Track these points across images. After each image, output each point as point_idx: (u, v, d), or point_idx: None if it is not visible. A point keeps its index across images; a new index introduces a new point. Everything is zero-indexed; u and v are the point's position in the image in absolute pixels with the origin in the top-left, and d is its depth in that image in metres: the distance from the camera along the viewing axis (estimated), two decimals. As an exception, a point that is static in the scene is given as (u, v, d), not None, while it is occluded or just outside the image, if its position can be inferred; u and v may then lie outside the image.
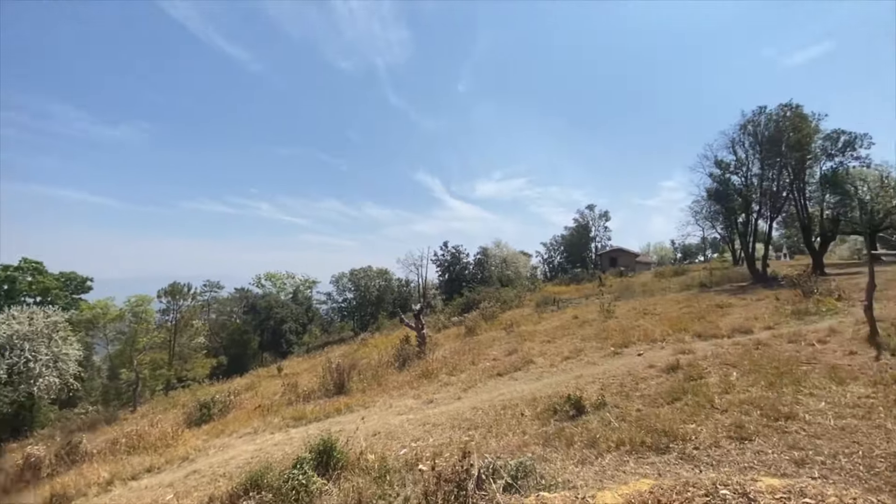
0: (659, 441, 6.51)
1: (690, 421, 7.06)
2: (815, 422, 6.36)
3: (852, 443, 5.60)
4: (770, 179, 27.92)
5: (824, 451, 5.49)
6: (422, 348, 18.65)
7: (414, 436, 9.17)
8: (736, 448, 5.97)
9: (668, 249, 76.09)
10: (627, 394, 9.21)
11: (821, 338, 11.09)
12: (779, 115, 27.10)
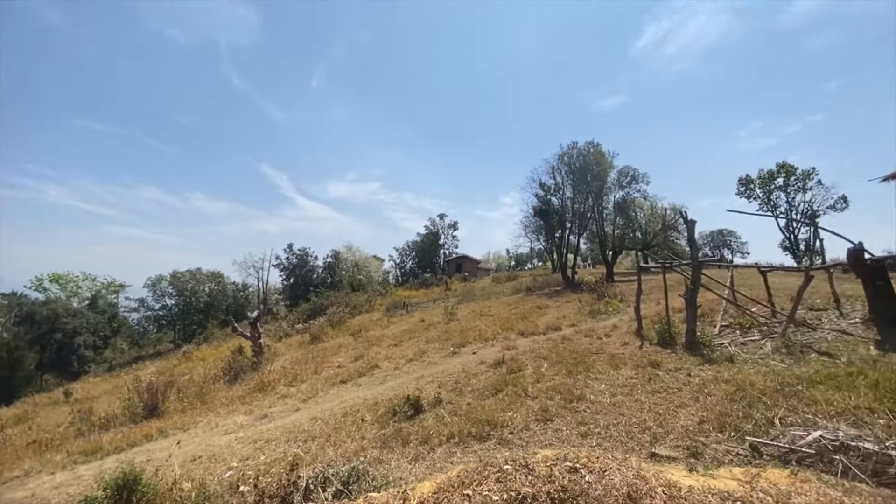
0: (482, 430, 7.26)
1: (508, 409, 8.06)
2: (597, 401, 7.88)
3: (619, 415, 7.11)
4: (579, 202, 33.70)
5: (601, 423, 6.86)
6: (258, 359, 17.19)
7: (243, 455, 8.43)
8: (541, 429, 7.04)
9: (504, 258, 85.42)
10: (461, 390, 10.02)
11: (607, 332, 13.84)
12: (586, 150, 33.03)
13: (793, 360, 8.93)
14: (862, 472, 4.26)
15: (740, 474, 3.83)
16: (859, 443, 4.67)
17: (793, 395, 6.83)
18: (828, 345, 9.64)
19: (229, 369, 16.53)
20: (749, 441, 5.15)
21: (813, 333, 10.55)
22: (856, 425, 5.60)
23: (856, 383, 6.96)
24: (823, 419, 5.89)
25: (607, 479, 2.44)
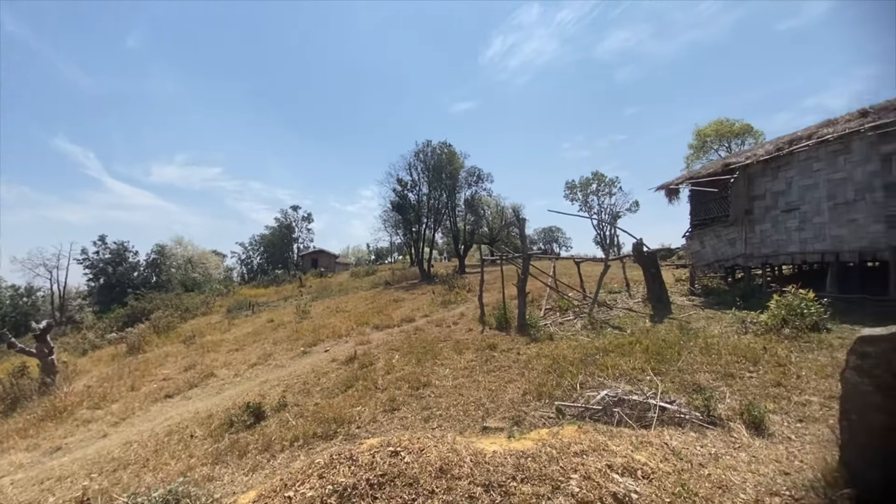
0: (329, 429, 7.13)
1: (358, 404, 8.08)
2: (441, 385, 8.42)
3: (459, 396, 7.71)
4: (434, 199, 35.29)
5: (443, 405, 7.35)
6: (50, 380, 13.90)
7: (21, 501, 6.76)
8: (388, 419, 7.23)
9: (364, 252, 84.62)
10: (309, 390, 9.66)
11: (455, 320, 14.88)
12: (440, 149, 34.73)
13: (595, 334, 10.86)
14: (630, 419, 5.46)
15: (545, 434, 4.55)
16: (631, 396, 5.95)
17: (592, 364, 8.32)
18: (619, 320, 11.99)
19: (4, 397, 12.98)
20: (556, 405, 6.10)
21: (610, 311, 13.00)
22: (631, 383, 7.10)
23: (634, 350, 8.78)
24: (611, 381, 7.30)
25: (424, 458, 2.68)
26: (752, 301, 11.27)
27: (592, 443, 3.47)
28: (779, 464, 4.02)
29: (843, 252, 10.83)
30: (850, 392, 2.93)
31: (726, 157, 15.93)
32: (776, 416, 5.60)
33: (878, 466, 2.89)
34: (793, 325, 8.64)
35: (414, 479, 2.47)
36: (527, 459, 2.93)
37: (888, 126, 9.76)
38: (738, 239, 13.36)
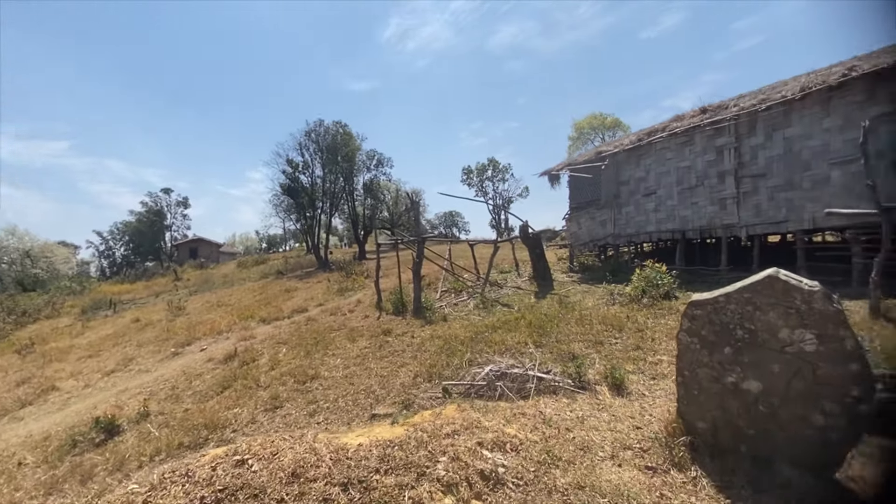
0: (199, 437, 6.38)
1: (235, 406, 7.36)
2: (330, 376, 8.03)
3: (349, 385, 7.42)
4: (330, 182, 33.67)
5: (331, 398, 7.01)
6: None
7: None
8: (268, 418, 6.68)
9: (255, 239, 78.22)
10: (178, 396, 8.60)
11: (351, 308, 14.40)
12: (335, 129, 33.10)
13: (486, 312, 11.27)
14: (511, 391, 5.71)
15: (428, 416, 4.51)
16: (513, 370, 6.22)
17: (482, 341, 8.58)
18: (508, 298, 12.63)
19: None
20: (443, 385, 6.14)
21: (501, 290, 13.63)
22: (515, 356, 7.45)
23: (519, 325, 9.25)
24: (497, 356, 7.59)
25: (276, 463, 2.41)
26: (620, 275, 12.62)
27: (466, 421, 3.49)
28: (633, 419, 4.46)
29: (688, 230, 12.62)
30: (683, 351, 3.30)
31: (599, 146, 17.60)
32: (634, 375, 6.27)
33: (707, 416, 3.30)
34: (650, 295, 9.80)
35: (261, 489, 2.19)
36: (394, 448, 2.81)
37: (720, 122, 11.49)
38: (608, 220, 14.87)
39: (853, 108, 9.07)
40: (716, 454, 3.28)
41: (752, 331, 2.92)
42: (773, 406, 2.94)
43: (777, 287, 2.78)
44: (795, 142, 10.14)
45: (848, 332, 2.58)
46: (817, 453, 2.81)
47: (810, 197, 9.87)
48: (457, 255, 21.40)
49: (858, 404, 2.59)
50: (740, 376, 3.03)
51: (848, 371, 2.59)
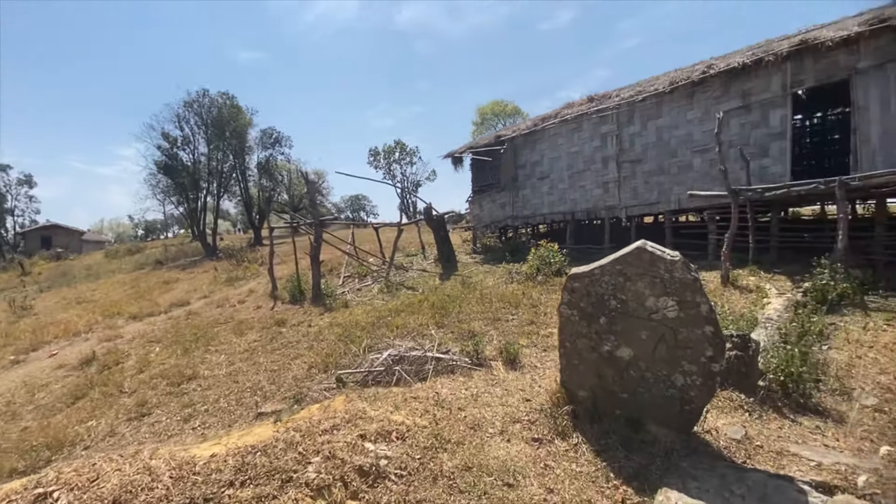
0: (38, 459, 5.29)
1: (91, 417, 6.26)
2: (212, 375, 7.20)
3: (234, 383, 6.70)
4: (217, 160, 30.39)
5: (211, 399, 6.26)
6: None
7: None
8: (132, 429, 5.77)
9: (128, 226, 68.45)
10: (16, 412, 7.11)
11: (241, 298, 13.18)
12: (221, 101, 29.78)
13: (391, 296, 11.02)
14: (409, 374, 5.57)
15: (316, 409, 4.15)
16: (412, 353, 6.07)
17: (384, 326, 8.33)
18: (414, 281, 12.50)
19: None
20: (336, 375, 5.79)
21: (406, 273, 13.45)
22: (417, 339, 7.33)
23: (422, 307, 9.16)
24: (399, 340, 7.40)
25: (94, 491, 1.94)
26: (519, 255, 13.16)
27: (350, 413, 3.24)
28: (523, 392, 4.56)
29: (577, 212, 13.55)
30: (564, 323, 3.37)
31: (499, 130, 18.12)
32: (528, 349, 6.51)
33: (587, 384, 3.42)
34: (544, 273, 10.32)
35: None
36: (256, 455, 2.46)
37: (605, 111, 12.38)
38: (507, 203, 15.41)
39: (711, 102, 10.31)
40: (595, 420, 3.43)
41: (623, 301, 3.06)
42: (641, 370, 3.12)
43: (644, 258, 2.93)
44: (665, 131, 11.30)
45: (703, 299, 2.79)
46: (679, 411, 3.05)
47: (677, 181, 11.11)
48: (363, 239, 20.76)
49: (712, 363, 2.84)
50: (614, 344, 3.17)
51: (704, 334, 2.82)
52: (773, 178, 9.35)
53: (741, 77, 9.82)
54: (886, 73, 7.99)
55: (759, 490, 2.44)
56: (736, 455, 3.04)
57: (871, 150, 8.35)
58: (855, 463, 2.93)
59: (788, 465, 2.92)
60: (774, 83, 9.41)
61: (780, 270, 8.82)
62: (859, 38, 8.09)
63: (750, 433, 3.33)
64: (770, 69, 9.37)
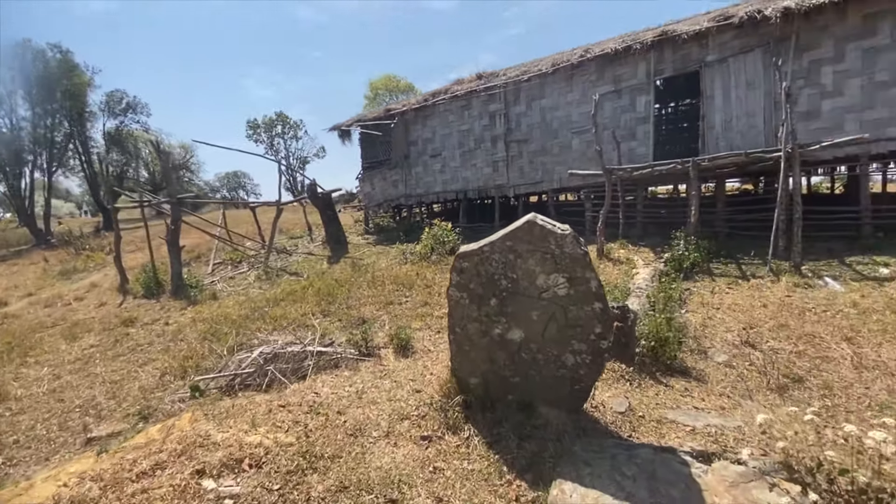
0: None
1: None
2: (27, 395, 5.65)
3: (59, 402, 5.33)
4: (46, 128, 24.69)
5: (24, 426, 4.87)
6: None
7: None
8: None
9: (-80, 209, 53.12)
10: None
11: (79, 295, 10.83)
12: (50, 55, 24.04)
13: (270, 284, 9.90)
14: (286, 374, 4.87)
15: (156, 431, 3.31)
16: (290, 348, 5.34)
17: (260, 318, 7.36)
18: (298, 265, 11.43)
19: None
20: (191, 382, 4.85)
21: (290, 258, 12.28)
22: (300, 330, 6.56)
23: (307, 294, 8.32)
24: (278, 333, 6.56)
25: None
26: (413, 235, 12.80)
27: (185, 442, 2.54)
28: (414, 382, 4.20)
29: (469, 191, 13.60)
30: (453, 307, 3.03)
31: (389, 104, 17.39)
32: (421, 332, 6.19)
33: (478, 370, 3.15)
34: (438, 252, 10.11)
35: None
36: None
37: (493, 89, 12.43)
38: (399, 181, 14.89)
39: (588, 85, 10.87)
40: (487, 408, 3.20)
41: (514, 280, 2.81)
42: (532, 352, 2.93)
43: (535, 232, 2.69)
44: (548, 112, 11.71)
45: (592, 274, 2.66)
46: (570, 391, 2.93)
47: (558, 161, 11.64)
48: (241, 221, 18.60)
49: (601, 340, 2.73)
50: (505, 327, 2.93)
51: (593, 310, 2.69)
52: (639, 159, 10.22)
53: (614, 63, 10.48)
54: (728, 66, 9.10)
55: (648, 468, 2.37)
56: (622, 429, 3.04)
57: (715, 136, 9.52)
58: (721, 423, 3.10)
59: (668, 434, 2.99)
60: (641, 71, 10.21)
61: (645, 243, 9.74)
62: (708, 34, 9.06)
63: (633, 404, 3.39)
64: (637, 57, 10.12)
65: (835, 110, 8.35)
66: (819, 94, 8.44)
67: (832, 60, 8.31)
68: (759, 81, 8.89)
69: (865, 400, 3.99)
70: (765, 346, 5.19)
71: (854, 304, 5.99)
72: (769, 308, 6.22)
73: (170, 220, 9.74)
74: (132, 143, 33.31)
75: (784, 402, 3.92)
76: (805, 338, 5.29)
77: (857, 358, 4.77)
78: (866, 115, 8.08)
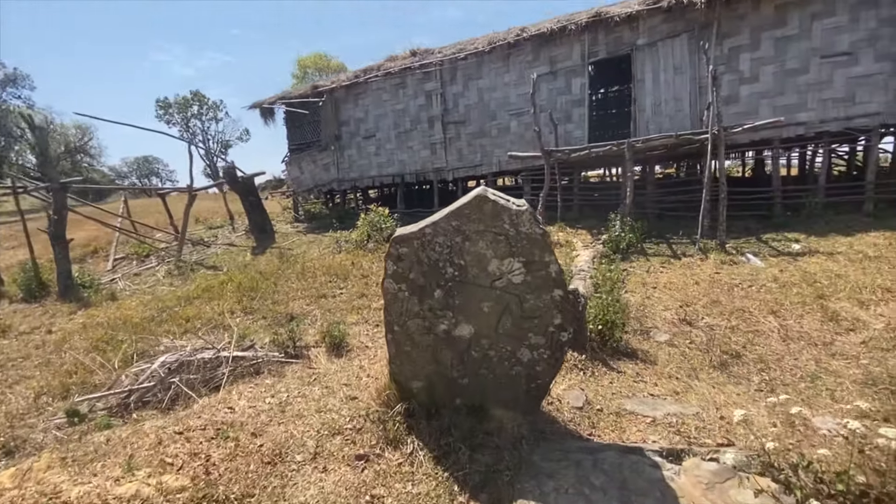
0: None
1: None
2: None
3: None
4: None
5: None
6: None
7: None
8: None
9: None
10: None
11: (-65, 302, 8.94)
12: None
13: (183, 280, 8.77)
14: (195, 386, 4.13)
15: (8, 479, 2.52)
16: (201, 354, 4.57)
17: (168, 320, 6.40)
18: (217, 258, 10.28)
19: None
20: (68, 406, 3.97)
21: (207, 250, 11.03)
22: (216, 332, 5.74)
23: (226, 290, 7.41)
24: (190, 337, 5.70)
25: None
26: (347, 222, 12.03)
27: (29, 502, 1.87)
28: (348, 387, 3.69)
29: (407, 174, 13.01)
30: (390, 301, 2.56)
31: (316, 81, 16.19)
32: (358, 326, 5.65)
33: (422, 373, 2.71)
34: (375, 239, 9.52)
35: None
36: None
37: (428, 66, 11.86)
38: (331, 164, 13.93)
39: (525, 66, 10.66)
40: (433, 415, 2.78)
41: (462, 266, 2.39)
42: (484, 349, 2.55)
43: (486, 209, 2.28)
44: (485, 93, 11.39)
45: (552, 257, 2.31)
46: (526, 390, 2.60)
47: (497, 143, 11.40)
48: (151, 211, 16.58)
49: (561, 332, 2.41)
50: (452, 322, 2.51)
51: (552, 299, 2.35)
52: (575, 141, 10.24)
53: (550, 44, 10.34)
54: (658, 50, 9.27)
55: (617, 475, 2.09)
56: (582, 426, 2.76)
57: (645, 119, 9.74)
58: (680, 410, 2.94)
59: (629, 427, 2.76)
60: (576, 52, 10.16)
61: (582, 226, 9.82)
62: (639, 17, 9.15)
63: (589, 396, 3.15)
64: (572, 38, 10.05)
65: (752, 96, 8.80)
66: (738, 80, 8.85)
67: (749, 48, 8.72)
68: (685, 66, 9.16)
69: (797, 371, 4.08)
70: (701, 323, 5.26)
71: (775, 278, 6.31)
72: (701, 285, 6.38)
73: (52, 209, 8.22)
74: (13, 122, 28.68)
75: (728, 380, 3.92)
76: (736, 313, 5.43)
77: (783, 330, 4.95)
78: (778, 101, 8.60)
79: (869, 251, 6.82)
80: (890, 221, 8.04)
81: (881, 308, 5.23)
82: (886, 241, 7.11)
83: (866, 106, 8.05)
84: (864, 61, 7.99)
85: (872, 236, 7.39)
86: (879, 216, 8.24)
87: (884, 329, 4.69)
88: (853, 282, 5.84)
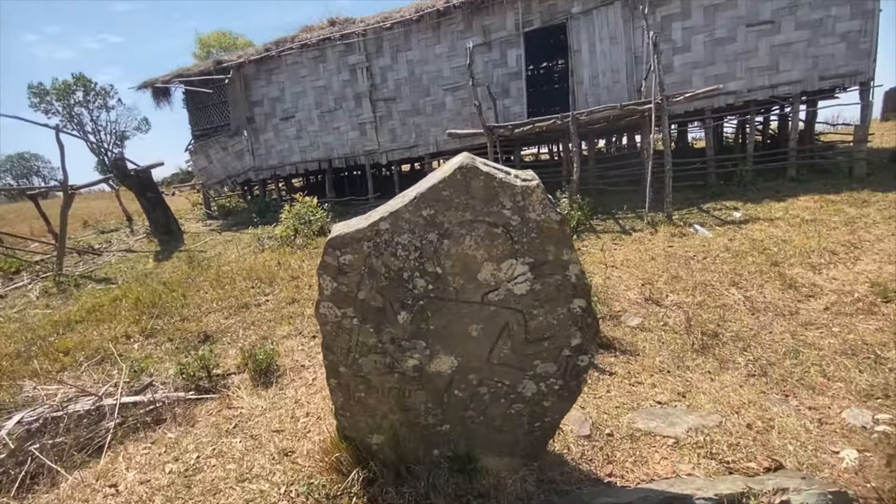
0: None
1: None
2: None
3: None
4: None
5: None
6: None
7: None
8: None
9: None
10: None
11: None
12: None
13: (64, 299, 7.12)
14: (63, 453, 3.01)
15: None
16: (73, 407, 3.41)
17: (41, 354, 4.98)
18: (111, 268, 8.58)
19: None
20: None
21: (99, 259, 9.21)
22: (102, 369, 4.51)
23: (120, 308, 6.03)
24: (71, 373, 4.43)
25: None
26: (269, 215, 10.69)
27: None
28: (281, 435, 2.82)
29: (335, 159, 11.80)
30: (331, 334, 1.74)
31: (219, 56, 14.21)
32: (290, 340, 4.72)
33: (384, 424, 1.93)
34: (303, 234, 8.44)
35: None
36: None
37: (350, 37, 10.66)
38: (245, 151, 12.27)
39: (457, 36, 9.87)
40: (403, 477, 2.02)
41: (439, 276, 1.63)
42: (472, 386, 1.83)
43: (475, 188, 1.52)
44: (416, 66, 10.47)
45: (572, 255, 1.62)
46: (528, 431, 1.92)
47: (433, 122, 10.58)
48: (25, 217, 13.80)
49: (579, 357, 1.75)
50: (426, 355, 1.76)
51: (570, 313, 1.68)
52: (515, 116, 9.72)
53: (482, 12, 9.63)
54: (592, 19, 8.91)
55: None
56: (596, 464, 2.16)
57: (584, 92, 9.42)
58: (699, 423, 2.44)
59: (651, 456, 2.20)
60: (509, 21, 9.54)
61: (527, 205, 9.41)
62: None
63: (592, 415, 2.56)
64: (505, 6, 9.41)
65: (685, 65, 8.77)
66: (671, 50, 8.76)
67: (681, 16, 8.63)
68: (620, 36, 8.91)
69: (777, 347, 3.85)
70: (667, 301, 4.98)
71: (726, 248, 6.24)
72: (658, 260, 6.16)
73: None
74: None
75: (717, 366, 3.58)
76: (699, 287, 5.21)
77: (748, 302, 4.77)
78: (710, 71, 8.64)
79: (805, 215, 7.02)
80: (813, 185, 8.45)
81: (832, 271, 5.26)
82: (817, 204, 7.40)
83: (789, 74, 8.30)
84: (785, 29, 8.19)
85: (803, 200, 7.67)
86: (802, 180, 8.64)
87: (841, 293, 4.67)
88: (800, 246, 5.89)
